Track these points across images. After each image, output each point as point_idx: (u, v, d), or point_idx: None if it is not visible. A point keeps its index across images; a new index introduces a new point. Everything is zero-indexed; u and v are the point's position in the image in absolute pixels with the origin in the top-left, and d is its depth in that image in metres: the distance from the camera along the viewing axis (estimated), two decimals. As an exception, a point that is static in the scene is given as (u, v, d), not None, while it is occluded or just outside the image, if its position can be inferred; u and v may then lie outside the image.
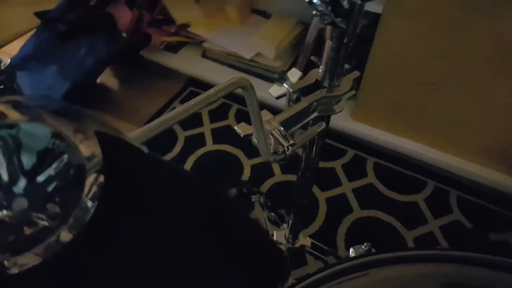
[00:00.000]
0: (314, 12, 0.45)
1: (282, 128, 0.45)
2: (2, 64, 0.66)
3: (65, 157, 0.21)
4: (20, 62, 1.42)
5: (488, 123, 1.09)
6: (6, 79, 0.66)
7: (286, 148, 0.44)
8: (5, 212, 0.19)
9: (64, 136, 0.21)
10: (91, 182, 0.21)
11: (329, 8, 0.42)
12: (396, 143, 1.25)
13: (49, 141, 0.21)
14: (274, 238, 0.81)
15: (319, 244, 0.82)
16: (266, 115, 0.48)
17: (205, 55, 1.49)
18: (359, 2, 0.42)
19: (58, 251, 0.19)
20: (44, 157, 0.21)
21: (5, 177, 0.18)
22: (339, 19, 0.42)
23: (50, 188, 0.21)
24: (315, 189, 1.21)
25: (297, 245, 0.80)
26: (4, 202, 0.18)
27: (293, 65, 1.40)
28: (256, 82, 1.38)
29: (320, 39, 1.32)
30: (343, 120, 1.30)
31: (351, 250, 0.54)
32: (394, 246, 1.11)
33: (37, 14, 1.40)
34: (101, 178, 0.20)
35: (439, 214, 1.16)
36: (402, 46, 1.08)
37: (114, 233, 0.20)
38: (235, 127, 0.46)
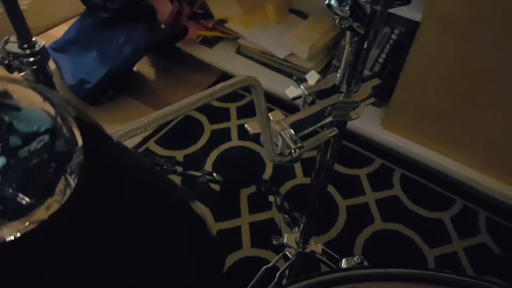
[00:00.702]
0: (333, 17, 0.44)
1: (291, 130, 0.45)
2: (37, 46, 0.68)
3: (49, 138, 0.21)
4: (63, 46, 1.47)
5: (526, 144, 1.03)
6: (40, 60, 0.69)
7: (292, 151, 0.44)
8: None
9: (56, 120, 0.21)
10: (72, 164, 0.21)
11: (348, 12, 0.41)
12: (425, 155, 1.20)
13: (41, 125, 0.21)
14: (284, 241, 0.80)
15: (329, 251, 0.80)
16: (277, 115, 0.47)
17: (239, 51, 1.50)
18: (379, 9, 0.40)
19: (30, 231, 0.20)
20: (30, 139, 0.21)
21: None
22: (357, 24, 0.41)
23: (29, 167, 0.21)
24: (336, 195, 1.19)
25: (307, 250, 0.79)
26: None
27: (326, 67, 1.38)
28: (287, 82, 1.38)
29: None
30: (372, 128, 1.27)
31: (343, 260, 0.53)
32: (413, 262, 1.08)
33: (83, 1, 1.45)
34: (81, 161, 0.20)
35: (465, 235, 1.11)
36: (438, 56, 1.04)
37: (86, 217, 0.20)
38: (245, 125, 0.46)
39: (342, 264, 0.55)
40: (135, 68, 1.53)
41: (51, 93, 0.22)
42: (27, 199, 0.20)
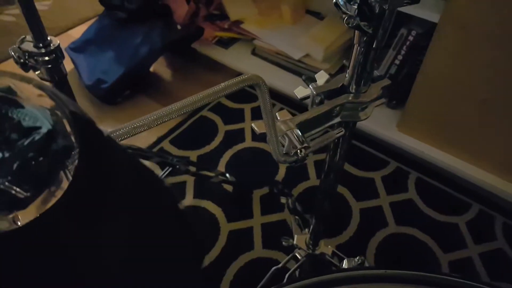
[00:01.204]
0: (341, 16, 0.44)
1: (298, 130, 0.44)
2: (52, 45, 0.69)
3: (46, 133, 0.22)
4: (81, 46, 1.50)
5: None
6: (55, 59, 0.70)
7: (298, 151, 0.43)
8: None
9: (53, 115, 0.22)
10: (68, 159, 0.22)
11: (356, 11, 0.41)
12: (441, 159, 1.18)
13: (39, 120, 0.22)
14: (294, 242, 0.80)
15: (339, 253, 0.79)
16: (284, 115, 0.47)
17: (254, 52, 1.50)
18: (387, 8, 0.40)
19: (25, 224, 0.20)
20: (28, 133, 0.22)
21: None
22: (365, 23, 0.41)
23: (26, 161, 0.21)
24: (350, 198, 1.18)
25: (317, 252, 0.79)
26: None
27: (341, 69, 1.37)
28: (301, 83, 1.37)
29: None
30: (388, 130, 1.25)
31: (344, 261, 0.52)
32: (426, 267, 1.06)
33: (101, 2, 1.47)
34: (76, 157, 0.21)
35: (481, 240, 1.09)
36: (456, 58, 1.02)
37: (80, 211, 0.20)
38: (252, 124, 0.46)
39: (343, 265, 0.54)
40: (151, 68, 1.55)
41: (49, 89, 0.22)
42: (24, 193, 0.21)
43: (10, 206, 0.21)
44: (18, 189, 0.21)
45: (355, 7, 0.42)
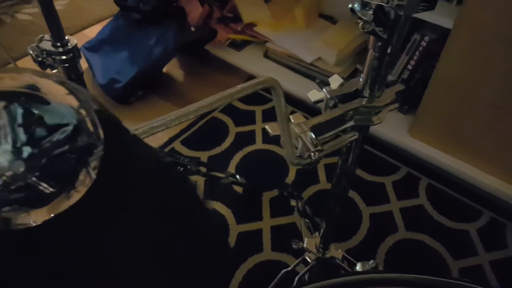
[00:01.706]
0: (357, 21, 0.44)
1: (312, 133, 0.45)
2: (69, 44, 0.71)
3: (71, 130, 0.22)
4: (96, 45, 1.52)
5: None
6: (72, 59, 0.71)
7: (312, 154, 0.44)
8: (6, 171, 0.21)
9: (79, 114, 0.22)
10: (93, 157, 0.22)
11: (371, 17, 0.41)
12: (453, 165, 1.17)
13: (65, 118, 0.22)
14: (304, 246, 0.80)
15: (349, 258, 0.79)
16: (298, 118, 0.47)
17: (267, 55, 1.51)
18: (403, 14, 0.40)
19: (53, 215, 0.21)
20: (54, 131, 0.22)
21: (10, 140, 0.20)
22: (380, 28, 0.41)
23: (52, 157, 0.22)
24: (360, 202, 1.17)
25: (327, 255, 0.79)
26: (5, 163, 0.20)
27: (353, 73, 1.37)
28: (313, 86, 1.38)
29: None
30: (399, 135, 1.25)
31: (358, 264, 0.52)
32: (436, 273, 1.05)
33: (116, 2, 1.49)
34: (102, 154, 0.21)
35: (492, 248, 1.08)
36: (469, 64, 1.01)
37: (104, 207, 0.21)
38: (266, 126, 0.46)
39: (357, 268, 0.54)
40: (164, 69, 1.57)
41: (76, 88, 0.23)
42: (50, 188, 0.22)
43: (37, 202, 0.21)
44: (45, 185, 0.22)
45: (371, 12, 0.42)
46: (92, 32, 1.68)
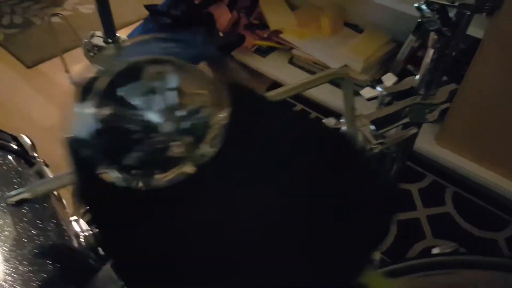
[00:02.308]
0: (420, 19, 0.46)
1: (373, 126, 0.46)
2: (120, 41, 0.73)
3: (203, 100, 0.24)
4: (125, 49, 1.55)
5: None
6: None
7: (374, 146, 0.45)
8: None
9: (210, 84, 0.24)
10: (217, 124, 0.24)
11: (436, 15, 0.43)
12: (480, 174, 1.17)
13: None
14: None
15: (387, 259, 0.79)
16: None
17: (292, 61, 1.53)
18: (468, 13, 0.42)
19: (183, 178, 0.23)
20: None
21: (163, 102, 0.22)
22: (445, 28, 0.42)
23: (188, 123, 0.23)
24: (386, 208, 1.18)
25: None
26: (158, 121, 0.21)
27: (377, 81, 1.38)
28: (338, 92, 1.39)
29: (411, 58, 1.29)
30: (426, 143, 1.25)
31: (434, 249, 0.51)
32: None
33: (146, 7, 1.52)
34: (226, 122, 0.23)
35: (520, 258, 1.08)
36: (498, 74, 1.02)
37: (227, 168, 0.22)
38: (323, 120, 0.48)
39: (435, 251, 0.54)
40: (190, 74, 1.59)
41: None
42: (183, 152, 0.23)
43: (170, 164, 0.23)
44: (179, 150, 0.23)
45: (435, 11, 0.44)
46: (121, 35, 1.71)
